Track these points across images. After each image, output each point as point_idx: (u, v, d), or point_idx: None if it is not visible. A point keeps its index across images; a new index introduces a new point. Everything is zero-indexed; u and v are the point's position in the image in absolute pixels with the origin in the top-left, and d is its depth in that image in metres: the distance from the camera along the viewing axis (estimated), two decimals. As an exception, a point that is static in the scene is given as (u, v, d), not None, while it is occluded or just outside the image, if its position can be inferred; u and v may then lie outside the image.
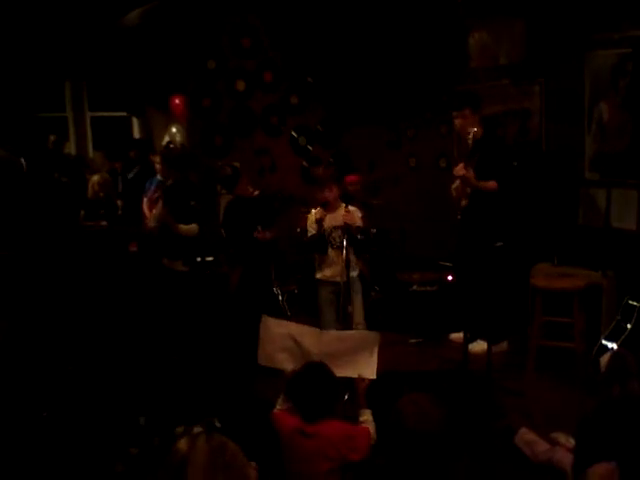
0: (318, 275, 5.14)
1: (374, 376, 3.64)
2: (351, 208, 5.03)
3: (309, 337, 3.77)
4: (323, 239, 4.97)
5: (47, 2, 7.76)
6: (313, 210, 5.18)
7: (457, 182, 5.52)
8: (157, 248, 5.92)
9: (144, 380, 4.71)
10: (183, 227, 5.67)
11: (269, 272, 6.24)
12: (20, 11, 7.96)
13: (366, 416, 3.32)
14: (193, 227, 5.75)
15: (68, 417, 4.10)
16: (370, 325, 5.34)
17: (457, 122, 5.59)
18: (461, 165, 5.36)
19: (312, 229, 5.08)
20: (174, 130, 8.29)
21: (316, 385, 3.13)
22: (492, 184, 5.29)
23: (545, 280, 5.29)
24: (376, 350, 3.71)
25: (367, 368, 3.65)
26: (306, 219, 5.26)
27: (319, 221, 4.97)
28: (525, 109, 6.53)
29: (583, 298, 5.07)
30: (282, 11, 7.65)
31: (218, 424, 3.33)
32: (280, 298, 6.53)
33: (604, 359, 3.69)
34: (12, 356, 4.50)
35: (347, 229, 4.82)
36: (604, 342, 4.76)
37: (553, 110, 6.28)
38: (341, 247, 4.85)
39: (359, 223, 5.06)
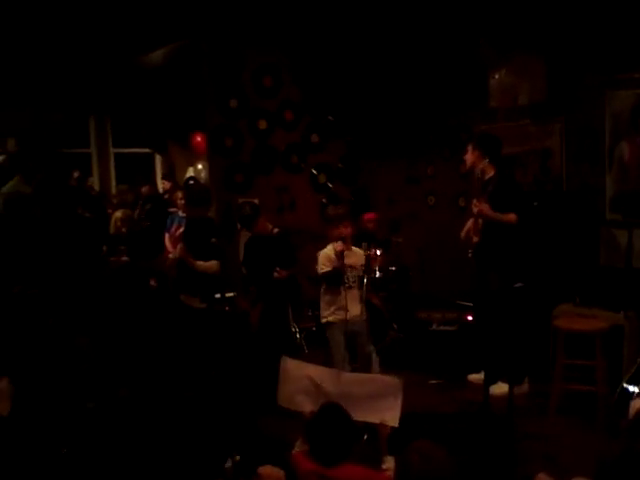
0: (330, 318, 4.99)
1: (397, 424, 3.58)
2: (355, 249, 4.99)
3: (328, 379, 3.74)
4: (340, 274, 4.89)
5: (73, 40, 7.92)
6: (329, 246, 5.10)
7: (469, 224, 5.59)
8: (175, 284, 5.92)
9: (161, 416, 4.69)
10: (202, 264, 5.61)
11: (286, 310, 6.22)
12: (46, 48, 8.14)
13: (389, 463, 3.26)
14: (212, 264, 5.64)
15: (87, 455, 4.09)
16: (389, 365, 5.30)
17: (464, 156, 5.74)
18: (474, 202, 5.40)
19: (325, 265, 4.97)
20: (200, 167, 8.38)
21: (332, 429, 3.10)
22: (511, 216, 5.30)
23: (568, 322, 5.23)
24: (400, 397, 3.65)
25: (390, 414, 3.60)
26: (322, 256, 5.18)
27: (341, 254, 4.90)
28: (546, 148, 6.52)
29: (605, 340, 5.00)
30: (303, 50, 7.76)
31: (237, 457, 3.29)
32: (298, 336, 6.51)
33: (635, 405, 3.56)
34: (30, 393, 4.50)
35: (368, 269, 4.78)
36: (625, 385, 4.68)
37: (574, 150, 6.27)
38: (353, 287, 4.88)
39: (362, 263, 5.01)
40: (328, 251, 5.01)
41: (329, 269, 4.93)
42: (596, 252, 5.98)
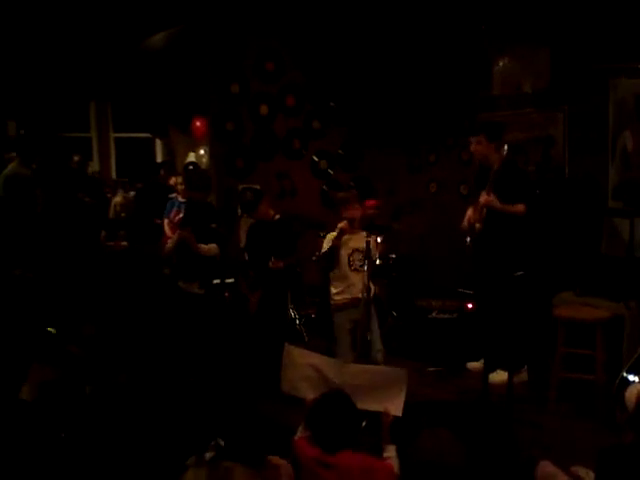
0: (337, 298, 5.03)
1: (400, 413, 3.57)
2: (363, 233, 4.98)
3: (332, 368, 3.73)
4: (332, 253, 4.88)
5: (74, 24, 7.87)
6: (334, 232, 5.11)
7: (469, 212, 5.55)
8: (174, 270, 5.91)
9: (160, 401, 4.69)
10: (204, 247, 5.66)
11: (285, 296, 6.21)
12: (48, 33, 8.09)
13: (390, 452, 3.26)
14: (213, 247, 5.73)
15: (86, 439, 4.09)
16: (387, 352, 5.29)
17: (471, 147, 5.59)
18: (483, 193, 5.35)
19: (324, 248, 5.03)
20: (202, 152, 8.34)
21: (335, 415, 3.09)
22: (520, 207, 5.25)
23: (568, 310, 5.21)
24: (405, 388, 3.64)
25: (394, 404, 3.59)
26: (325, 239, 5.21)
27: (340, 232, 4.87)
28: (549, 136, 6.49)
29: (606, 330, 4.99)
30: (305, 36, 7.71)
31: (222, 442, 3.28)
32: (297, 322, 6.50)
33: (631, 395, 3.52)
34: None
35: (368, 254, 4.76)
36: (625, 375, 4.66)
37: (577, 138, 6.24)
38: (360, 271, 4.83)
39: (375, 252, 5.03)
40: (330, 235, 5.03)
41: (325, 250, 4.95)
42: (597, 241, 5.95)
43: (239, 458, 2.51)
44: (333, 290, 5.09)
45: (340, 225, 4.89)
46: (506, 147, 5.34)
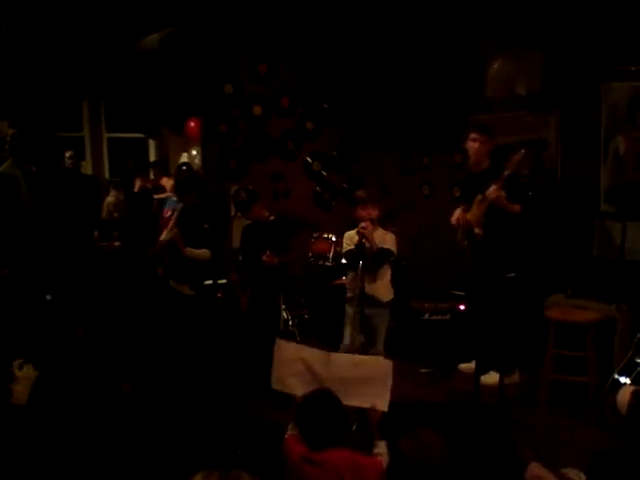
0: (348, 293, 5.14)
1: (386, 408, 3.59)
2: (382, 231, 5.03)
3: (319, 361, 3.75)
4: (361, 253, 4.90)
5: (68, 23, 7.85)
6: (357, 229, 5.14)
7: (457, 212, 5.54)
8: (165, 269, 5.90)
9: (152, 402, 4.68)
10: (191, 251, 5.61)
11: (278, 297, 6.20)
12: (41, 31, 8.06)
13: (381, 448, 3.27)
14: (203, 252, 5.67)
15: (75, 438, 4.08)
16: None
17: (474, 146, 5.53)
18: (494, 187, 5.22)
19: (347, 245, 5.07)
20: (194, 152, 8.32)
21: (322, 413, 3.11)
22: (517, 207, 5.26)
23: (559, 312, 5.23)
24: (390, 381, 3.66)
25: (380, 399, 3.61)
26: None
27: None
28: (541, 139, 6.51)
29: (597, 332, 5.01)
30: (299, 37, 7.71)
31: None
32: (290, 323, 6.49)
33: (623, 398, 3.52)
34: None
35: (361, 246, 4.80)
36: (616, 377, 4.69)
37: (569, 141, 6.26)
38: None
39: (388, 245, 5.02)
40: (352, 232, 5.05)
41: (351, 247, 4.96)
42: (589, 244, 5.98)
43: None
44: (346, 285, 5.24)
45: (366, 225, 4.90)
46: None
